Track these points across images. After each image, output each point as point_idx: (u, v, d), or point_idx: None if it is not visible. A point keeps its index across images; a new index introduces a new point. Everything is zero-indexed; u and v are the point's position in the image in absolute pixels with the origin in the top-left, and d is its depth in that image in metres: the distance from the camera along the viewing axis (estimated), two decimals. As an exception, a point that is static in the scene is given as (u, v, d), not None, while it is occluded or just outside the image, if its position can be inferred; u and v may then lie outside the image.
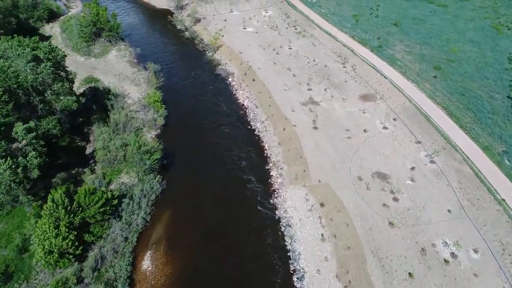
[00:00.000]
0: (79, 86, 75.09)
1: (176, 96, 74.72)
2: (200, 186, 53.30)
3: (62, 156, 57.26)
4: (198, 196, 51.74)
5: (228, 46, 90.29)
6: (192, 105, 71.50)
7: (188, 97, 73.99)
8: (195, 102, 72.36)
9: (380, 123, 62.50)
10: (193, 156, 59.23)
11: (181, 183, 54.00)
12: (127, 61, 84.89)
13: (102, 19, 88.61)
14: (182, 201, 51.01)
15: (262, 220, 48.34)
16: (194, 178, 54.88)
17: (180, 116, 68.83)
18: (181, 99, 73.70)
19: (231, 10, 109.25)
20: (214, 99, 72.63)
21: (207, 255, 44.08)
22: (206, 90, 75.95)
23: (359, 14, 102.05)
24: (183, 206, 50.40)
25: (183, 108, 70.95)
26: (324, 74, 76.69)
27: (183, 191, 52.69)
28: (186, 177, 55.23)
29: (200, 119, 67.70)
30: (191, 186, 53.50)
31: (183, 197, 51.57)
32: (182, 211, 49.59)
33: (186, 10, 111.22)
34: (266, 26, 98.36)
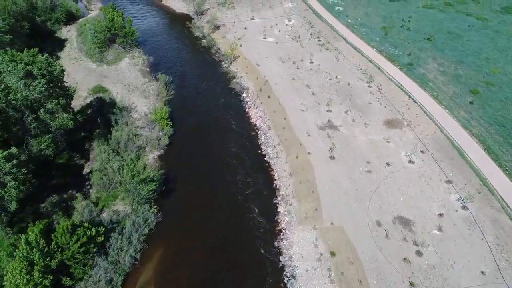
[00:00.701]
0: (86, 96, 71.90)
1: (185, 110, 70.23)
2: (199, 219, 48.38)
3: (56, 176, 53.71)
4: (195, 231, 46.81)
5: (246, 57, 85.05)
6: (201, 121, 66.91)
7: (198, 111, 69.35)
8: (204, 118, 67.68)
9: (405, 156, 55.62)
10: (195, 181, 54.50)
11: (178, 215, 49.25)
12: (139, 70, 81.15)
13: (117, 25, 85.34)
14: (177, 237, 46.25)
15: (263, 267, 42.77)
16: (193, 208, 49.98)
17: (187, 133, 64.32)
18: (190, 113, 69.12)
19: (252, 17, 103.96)
20: (224, 116, 67.58)
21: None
22: (218, 105, 71.04)
23: (389, 26, 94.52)
24: (177, 243, 45.62)
25: (191, 123, 66.42)
26: (346, 94, 70.17)
27: (179, 224, 47.92)
28: (185, 207, 50.39)
29: (207, 137, 63.00)
30: (189, 219, 48.66)
31: (179, 232, 46.80)
32: (176, 250, 44.79)
33: (206, 16, 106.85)
34: (288, 36, 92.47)
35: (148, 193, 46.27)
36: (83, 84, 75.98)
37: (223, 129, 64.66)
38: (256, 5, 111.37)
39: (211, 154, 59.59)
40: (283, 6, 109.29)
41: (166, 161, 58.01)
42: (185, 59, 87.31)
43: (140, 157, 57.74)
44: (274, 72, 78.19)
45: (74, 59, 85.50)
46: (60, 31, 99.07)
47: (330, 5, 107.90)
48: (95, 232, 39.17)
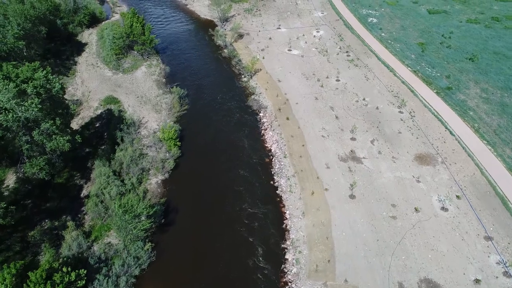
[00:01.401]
0: (97, 106, 68.75)
1: (197, 126, 65.62)
2: (197, 260, 43.44)
3: (52, 199, 50.25)
4: (191, 274, 41.83)
5: (267, 71, 79.51)
6: (212, 141, 62.15)
7: (210, 130, 64.63)
8: (215, 138, 62.93)
9: (438, 201, 48.43)
10: (199, 212, 49.65)
11: (174, 254, 44.46)
12: (154, 80, 77.33)
13: (135, 32, 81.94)
14: (170, 282, 41.33)
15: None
16: (192, 247, 45.07)
17: (195, 154, 59.67)
18: (201, 131, 64.43)
19: (278, 26, 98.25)
20: (238, 137, 62.44)
21: None
22: (232, 123, 66.02)
23: (426, 42, 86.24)
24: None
25: (201, 143, 61.78)
26: (373, 120, 63.30)
27: (174, 265, 43.11)
28: (183, 245, 45.57)
29: (216, 160, 58.05)
30: (186, 259, 43.75)
31: (173, 275, 41.92)
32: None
33: (230, 23, 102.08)
34: (315, 49, 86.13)
35: (142, 232, 41.67)
36: (96, 93, 73.01)
37: (234, 151, 59.51)
38: (284, 13, 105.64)
39: (219, 179, 54.66)
40: (313, 16, 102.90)
41: (170, 186, 53.51)
42: (204, 69, 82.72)
43: (143, 181, 53.68)
44: (296, 90, 72.25)
45: (91, 65, 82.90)
46: (81, 34, 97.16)
47: (363, 16, 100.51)
48: (74, 277, 34.92)
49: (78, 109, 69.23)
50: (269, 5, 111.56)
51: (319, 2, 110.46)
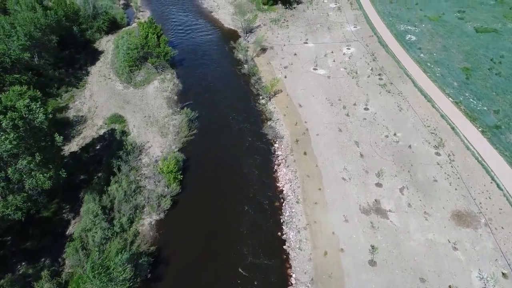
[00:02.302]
0: (101, 126, 64.03)
1: (204, 154, 59.44)
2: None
3: (33, 237, 45.35)
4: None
5: (288, 92, 72.14)
6: (218, 170, 55.95)
7: (218, 158, 58.42)
8: (223, 165, 56.91)
9: (478, 278, 39.64)
10: (191, 262, 43.29)
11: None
12: (165, 98, 71.83)
13: (150, 43, 76.77)
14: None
15: None
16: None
17: (197, 188, 53.53)
18: (208, 160, 58.20)
19: (306, 40, 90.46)
20: (247, 170, 55.79)
21: None
22: (243, 150, 59.56)
23: (472, 67, 75.92)
24: None
25: (205, 174, 55.60)
26: (405, 161, 54.67)
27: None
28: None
29: (220, 196, 51.79)
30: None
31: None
32: None
33: (254, 35, 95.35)
34: (343, 70, 77.80)
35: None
36: (103, 110, 68.39)
37: (241, 188, 52.84)
38: (313, 25, 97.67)
39: (220, 220, 48.33)
40: (344, 30, 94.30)
41: (164, 230, 47.42)
42: (220, 86, 76.37)
43: (135, 220, 47.92)
44: (317, 118, 64.52)
45: (103, 76, 78.63)
46: (99, 41, 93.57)
47: (400, 32, 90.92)
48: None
49: (81, 127, 64.69)
50: (298, 15, 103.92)
51: (353, 15, 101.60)
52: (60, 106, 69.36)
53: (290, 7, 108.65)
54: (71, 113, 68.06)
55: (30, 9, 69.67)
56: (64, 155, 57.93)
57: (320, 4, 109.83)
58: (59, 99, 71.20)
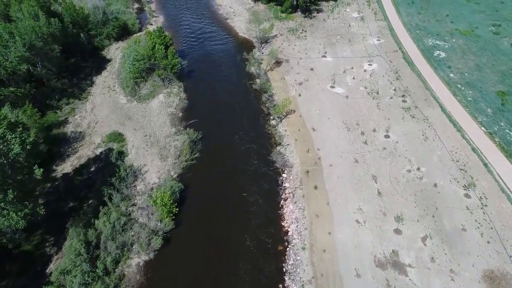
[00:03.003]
0: (98, 144, 59.96)
1: (204, 182, 54.66)
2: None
3: (9, 274, 41.24)
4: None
5: (301, 113, 66.31)
6: (219, 200, 51.20)
7: (219, 186, 53.62)
8: (225, 194, 52.30)
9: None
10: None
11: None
12: (169, 114, 67.23)
13: (157, 54, 72.30)
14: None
15: None
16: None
17: (193, 223, 48.59)
18: (208, 189, 53.29)
19: (324, 53, 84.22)
20: (250, 204, 50.41)
21: None
22: (247, 177, 54.44)
23: (509, 90, 68.22)
24: None
25: (204, 207, 50.66)
26: (429, 203, 48.12)
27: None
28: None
29: (219, 232, 46.97)
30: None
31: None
32: None
33: (270, 45, 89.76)
34: (363, 89, 71.30)
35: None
36: (102, 126, 64.31)
37: (243, 223, 47.70)
38: (333, 37, 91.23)
39: (216, 262, 43.23)
40: (366, 43, 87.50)
41: (153, 273, 42.50)
42: (228, 103, 71.18)
43: (122, 260, 43.25)
44: (332, 145, 58.48)
45: (107, 87, 74.76)
46: (108, 48, 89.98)
47: (428, 47, 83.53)
48: None
49: (78, 145, 60.70)
50: (318, 25, 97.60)
51: (377, 26, 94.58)
52: (59, 120, 65.76)
53: (310, 15, 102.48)
54: (69, 128, 64.30)
55: (33, 17, 66.04)
56: (56, 177, 54.09)
57: (342, 13, 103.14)
58: (59, 112, 67.64)
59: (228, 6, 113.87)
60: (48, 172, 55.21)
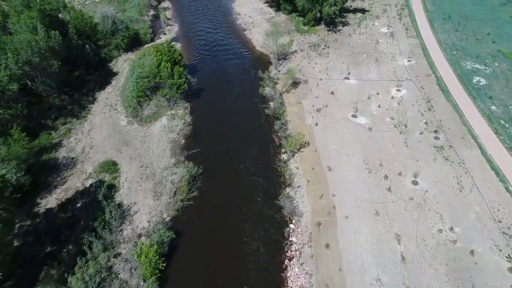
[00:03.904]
0: (90, 174, 54.64)
1: (200, 228, 48.00)
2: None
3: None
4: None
5: (317, 147, 58.66)
6: (213, 256, 44.02)
7: (215, 236, 46.73)
8: (219, 246, 45.29)
9: None
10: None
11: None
12: (170, 141, 61.10)
13: (163, 73, 66.24)
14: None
15: None
16: None
17: (181, 281, 41.55)
18: (204, 237, 46.68)
19: (347, 75, 76.10)
20: (248, 257, 43.68)
21: None
22: (248, 224, 47.38)
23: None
24: None
25: (195, 259, 43.99)
26: (463, 278, 39.77)
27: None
28: None
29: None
30: None
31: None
32: None
33: (288, 62, 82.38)
34: (389, 120, 62.91)
35: None
36: (97, 151, 58.78)
37: (240, 275, 40.53)
38: (358, 55, 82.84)
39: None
40: (395, 64, 78.70)
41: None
42: (237, 129, 64.45)
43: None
44: (350, 190, 50.67)
45: (108, 105, 69.48)
46: (116, 60, 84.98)
47: (466, 72, 73.99)
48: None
49: (68, 174, 55.30)
50: (342, 40, 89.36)
51: (408, 44, 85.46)
52: (52, 142, 60.75)
53: (334, 29, 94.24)
54: (62, 152, 59.14)
55: (31, 30, 61.15)
56: (39, 213, 48.71)
57: (370, 28, 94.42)
58: (54, 133, 62.71)
59: (247, 15, 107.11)
60: (31, 206, 50.11)
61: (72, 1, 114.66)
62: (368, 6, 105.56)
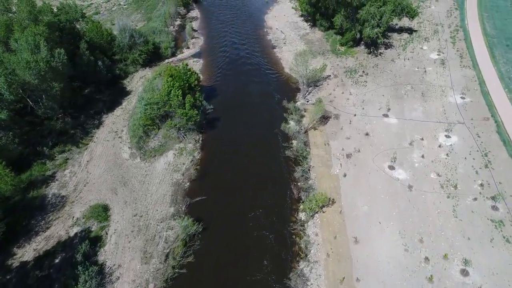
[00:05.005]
0: (76, 221, 48.63)
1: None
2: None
3: None
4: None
5: (343, 207, 48.72)
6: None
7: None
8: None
9: None
10: None
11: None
12: (173, 184, 53.42)
13: (173, 101, 58.59)
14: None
15: None
16: None
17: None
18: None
19: (387, 111, 65.38)
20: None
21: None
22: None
23: None
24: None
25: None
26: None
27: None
28: None
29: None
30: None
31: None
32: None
33: (318, 90, 72.60)
34: (435, 176, 51.79)
35: None
36: (91, 190, 52.25)
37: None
38: (401, 86, 71.57)
39: None
40: (445, 100, 66.86)
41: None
42: (251, 173, 55.68)
43: None
44: (379, 275, 40.68)
45: (114, 132, 62.99)
46: (131, 77, 78.64)
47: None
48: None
49: (53, 217, 48.73)
50: (384, 67, 78.17)
51: (461, 76, 73.06)
52: (45, 175, 54.53)
53: (375, 51, 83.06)
54: (52, 188, 52.88)
55: (32, 49, 55.23)
56: (12, 267, 42.16)
57: (417, 52, 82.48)
58: (49, 162, 56.61)
59: (279, 30, 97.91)
60: (5, 256, 43.78)
61: (99, 7, 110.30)
62: (416, 25, 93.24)
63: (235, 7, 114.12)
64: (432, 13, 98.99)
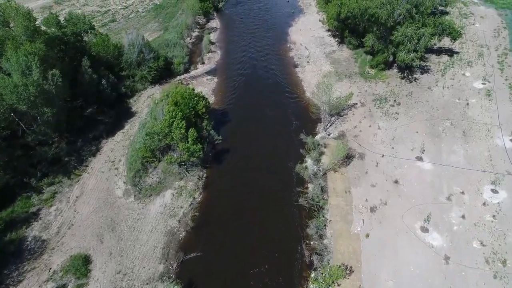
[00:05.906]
0: (52, 274, 42.71)
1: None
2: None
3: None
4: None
5: (362, 283, 40.25)
6: None
7: None
8: None
9: None
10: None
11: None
12: (167, 233, 46.78)
13: (175, 133, 51.81)
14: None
15: None
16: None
17: None
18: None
19: (421, 153, 56.23)
20: None
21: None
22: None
23: None
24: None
25: None
26: None
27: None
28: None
29: None
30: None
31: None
32: None
33: (343, 121, 64.11)
34: (478, 246, 42.60)
35: None
36: (75, 235, 46.72)
37: None
38: (439, 121, 62.14)
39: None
40: (492, 143, 57.00)
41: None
42: (256, 226, 48.06)
43: None
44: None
45: (110, 162, 56.97)
46: (139, 95, 72.51)
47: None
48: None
49: (29, 267, 42.85)
50: (419, 95, 68.75)
51: (511, 112, 62.63)
52: (29, 212, 48.93)
53: (410, 76, 73.56)
54: (34, 230, 47.28)
55: (23, 70, 49.77)
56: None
57: (458, 79, 72.42)
58: (36, 197, 51.02)
59: (303, 46, 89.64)
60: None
61: (116, 14, 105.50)
62: (458, 46, 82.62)
63: (257, 17, 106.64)
64: (476, 32, 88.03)
